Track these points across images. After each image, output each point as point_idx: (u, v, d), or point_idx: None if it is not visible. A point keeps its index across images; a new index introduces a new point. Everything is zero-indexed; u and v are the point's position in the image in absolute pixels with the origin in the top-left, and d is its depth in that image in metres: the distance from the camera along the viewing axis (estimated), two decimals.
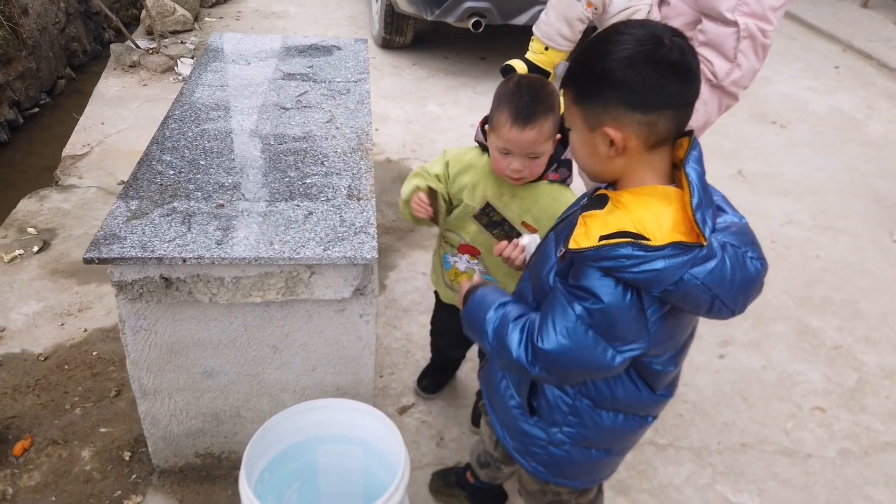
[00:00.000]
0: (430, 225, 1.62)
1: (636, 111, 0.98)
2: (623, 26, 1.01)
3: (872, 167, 3.75)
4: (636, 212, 0.99)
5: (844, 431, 2.11)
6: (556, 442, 1.26)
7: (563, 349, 1.05)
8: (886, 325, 2.57)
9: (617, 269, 0.97)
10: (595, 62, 1.00)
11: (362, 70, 2.35)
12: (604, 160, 1.05)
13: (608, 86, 0.98)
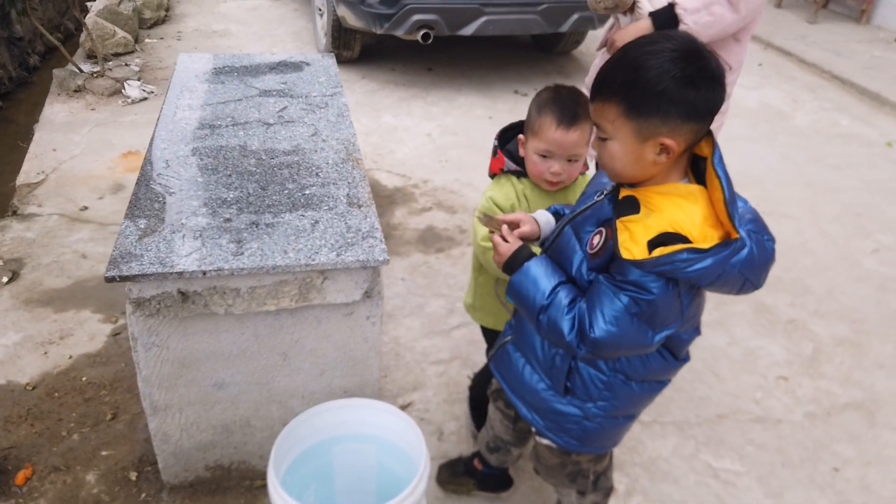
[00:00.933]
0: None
1: (691, 122, 1.08)
2: (662, 39, 1.10)
3: (804, 155, 4.05)
4: (669, 212, 1.11)
5: (808, 396, 2.30)
6: (591, 416, 1.36)
7: (611, 335, 1.16)
8: (832, 298, 2.80)
9: (672, 271, 1.09)
10: (653, 80, 1.06)
11: (336, 84, 2.41)
12: (647, 166, 1.13)
13: (668, 102, 1.06)
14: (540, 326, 1.26)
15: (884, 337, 2.59)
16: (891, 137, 4.32)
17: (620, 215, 1.15)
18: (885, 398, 2.31)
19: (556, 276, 1.26)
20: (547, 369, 1.37)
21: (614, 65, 1.12)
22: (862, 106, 4.83)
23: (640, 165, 1.14)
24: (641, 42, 1.10)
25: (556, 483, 1.58)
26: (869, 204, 3.53)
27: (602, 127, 1.15)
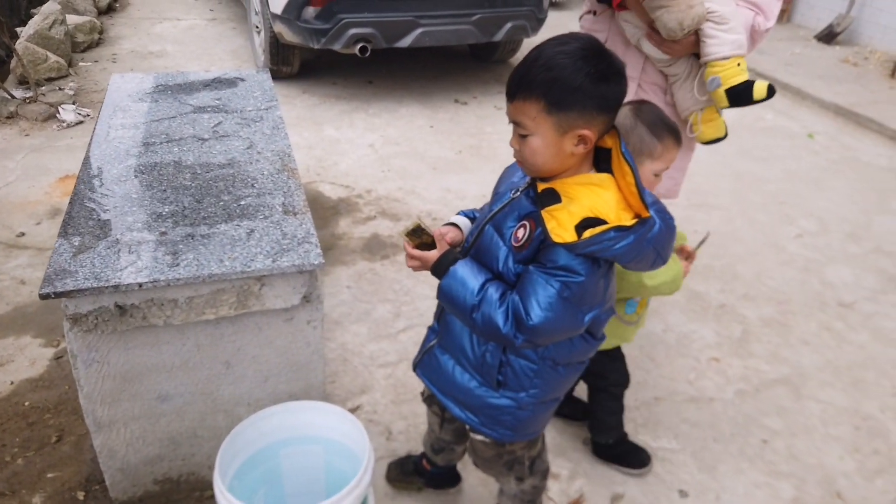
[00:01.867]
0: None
1: (604, 113, 1.18)
2: (569, 39, 1.18)
3: (732, 149, 4.24)
4: (588, 199, 1.20)
5: (738, 375, 2.43)
6: (524, 405, 1.42)
7: (548, 320, 1.23)
8: (760, 282, 2.96)
9: (600, 251, 1.18)
10: (570, 77, 1.14)
11: (270, 98, 2.45)
12: (565, 158, 1.22)
13: (584, 96, 1.15)
14: (475, 324, 1.31)
15: (808, 315, 2.75)
16: (812, 129, 4.57)
17: (544, 206, 1.23)
18: (810, 372, 2.45)
19: (483, 275, 1.32)
20: (478, 367, 1.43)
21: (531, 65, 1.19)
22: (784, 101, 5.08)
23: (559, 158, 1.22)
24: (553, 43, 1.19)
25: (495, 473, 1.64)
26: (792, 192, 3.73)
27: (523, 124, 1.21)
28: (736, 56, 1.88)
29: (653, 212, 1.20)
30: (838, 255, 3.16)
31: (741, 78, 1.88)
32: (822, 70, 5.49)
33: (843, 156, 4.19)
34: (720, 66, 1.89)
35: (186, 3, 7.10)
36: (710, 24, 1.87)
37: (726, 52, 1.87)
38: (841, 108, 4.75)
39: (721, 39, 1.87)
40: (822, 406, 2.30)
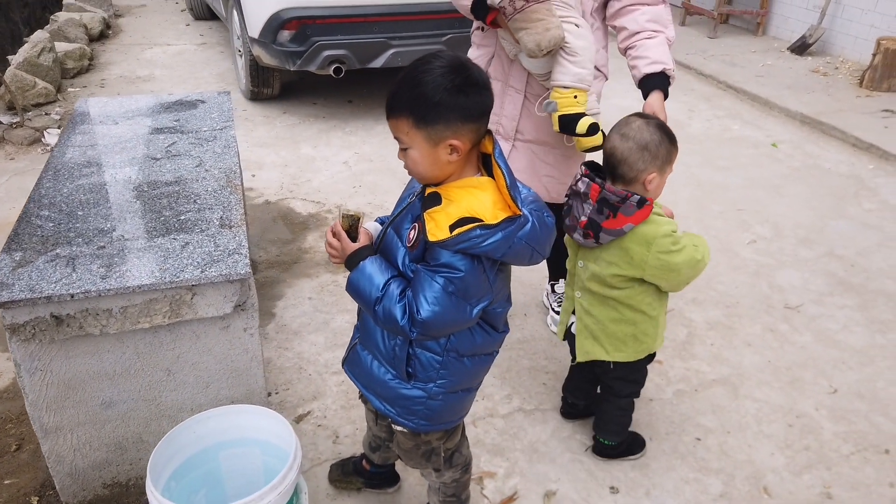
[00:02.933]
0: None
1: (469, 122, 1.30)
2: (432, 58, 1.31)
3: (696, 159, 4.34)
4: (465, 201, 1.31)
5: (679, 376, 2.51)
6: (434, 395, 1.53)
7: (436, 314, 1.34)
8: (710, 287, 3.04)
9: (470, 247, 1.29)
10: (430, 93, 1.26)
11: (227, 119, 2.57)
12: (444, 165, 1.34)
13: (446, 109, 1.27)
14: (377, 317, 1.42)
15: (754, 318, 2.83)
16: (776, 138, 4.66)
17: (426, 209, 1.33)
18: (749, 372, 2.53)
19: (389, 272, 1.42)
20: (390, 360, 1.53)
21: (399, 85, 1.31)
22: (753, 111, 5.18)
23: (437, 166, 1.34)
24: (418, 63, 1.30)
25: (415, 464, 1.73)
26: (752, 199, 3.82)
27: (400, 139, 1.34)
28: (575, 88, 2.04)
29: (527, 210, 1.31)
30: (790, 260, 3.24)
31: (573, 109, 2.06)
32: (792, 80, 5.59)
33: (805, 163, 4.28)
34: (559, 93, 2.06)
35: (178, 28, 7.29)
36: (562, 52, 2.03)
37: (567, 82, 2.04)
38: (806, 117, 4.84)
39: (566, 69, 2.04)
40: (758, 405, 2.38)
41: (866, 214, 3.66)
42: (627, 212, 1.74)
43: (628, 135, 1.74)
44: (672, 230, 1.80)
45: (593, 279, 1.89)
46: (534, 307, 2.89)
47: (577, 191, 1.83)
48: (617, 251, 1.82)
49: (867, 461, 2.16)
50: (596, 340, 1.97)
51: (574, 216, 1.83)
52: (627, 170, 1.75)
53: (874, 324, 2.79)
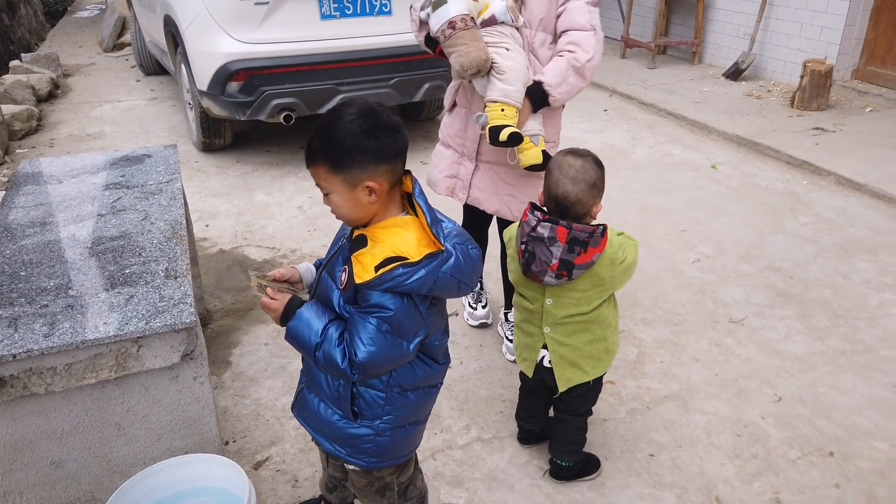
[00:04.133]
0: None
1: (383, 164, 1.36)
2: (343, 107, 1.38)
3: (640, 185, 4.50)
4: (390, 241, 1.37)
5: (631, 395, 2.57)
6: (381, 432, 1.56)
7: (372, 354, 1.38)
8: (658, 307, 3.13)
9: (395, 286, 1.34)
10: (342, 139, 1.33)
11: (173, 171, 2.61)
12: (364, 207, 1.40)
13: (358, 153, 1.33)
14: (317, 362, 1.45)
15: (700, 334, 2.93)
16: (715, 160, 4.86)
17: (353, 251, 1.39)
18: (698, 386, 2.61)
19: (326, 316, 1.46)
20: (335, 401, 1.56)
21: (314, 135, 1.37)
22: (692, 136, 5.40)
23: (359, 208, 1.39)
24: (330, 112, 1.37)
25: (370, 502, 1.75)
26: (694, 220, 3.97)
27: (321, 186, 1.40)
28: (501, 102, 2.25)
29: (450, 245, 1.37)
30: (732, 276, 3.37)
31: (500, 122, 2.25)
32: (728, 105, 5.85)
33: (743, 183, 4.46)
34: (489, 106, 2.27)
35: (128, 84, 7.31)
36: (492, 72, 2.25)
37: (493, 97, 2.25)
38: (743, 139, 5.07)
39: (494, 86, 2.25)
40: (707, 417, 2.45)
41: (802, 228, 3.83)
42: (595, 244, 1.83)
43: (577, 178, 1.82)
44: (619, 241, 1.91)
45: (567, 311, 1.95)
46: (489, 337, 2.94)
47: (537, 237, 1.83)
48: (588, 279, 1.90)
49: (813, 465, 2.24)
50: (575, 366, 2.02)
51: (541, 261, 1.85)
52: (580, 208, 1.84)
53: (813, 332, 2.91)
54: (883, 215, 3.94)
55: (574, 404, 2.10)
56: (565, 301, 1.93)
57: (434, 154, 2.81)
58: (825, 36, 5.97)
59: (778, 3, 6.37)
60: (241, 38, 4.37)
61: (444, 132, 2.72)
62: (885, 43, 5.87)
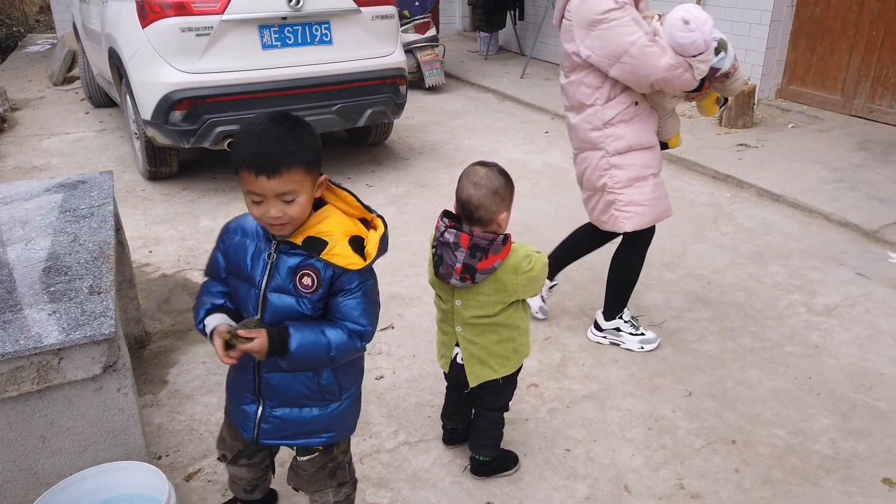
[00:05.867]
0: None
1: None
2: (283, 116, 1.52)
3: (575, 201, 4.64)
4: (339, 227, 1.57)
5: (552, 396, 2.71)
6: (354, 396, 1.79)
7: (373, 322, 1.63)
8: (584, 314, 3.29)
9: (379, 254, 1.57)
10: (310, 139, 1.50)
11: (106, 196, 2.69)
12: (310, 204, 1.55)
13: (319, 150, 1.54)
14: (333, 361, 1.61)
15: None
16: None
17: (319, 253, 1.54)
18: (616, 385, 2.76)
19: (314, 324, 1.59)
20: (319, 395, 1.71)
21: (278, 142, 1.46)
22: None
23: (310, 205, 1.56)
24: (277, 121, 1.49)
25: (319, 487, 1.85)
26: None
27: (292, 191, 1.48)
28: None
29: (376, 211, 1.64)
30: (655, 283, 3.55)
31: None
32: None
33: (672, 196, 4.66)
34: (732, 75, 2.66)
35: (77, 116, 7.33)
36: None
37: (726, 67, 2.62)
38: (674, 156, 5.32)
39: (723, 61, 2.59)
40: (622, 413, 2.59)
41: (723, 237, 4.05)
42: (496, 251, 1.97)
43: (480, 183, 1.97)
44: (525, 252, 2.05)
45: (475, 313, 2.08)
46: (422, 348, 3.06)
47: (444, 241, 1.98)
48: (491, 284, 2.03)
49: (716, 452, 2.39)
50: (484, 364, 2.15)
51: (448, 265, 2.00)
52: (484, 213, 1.98)
53: (726, 332, 3.10)
54: (798, 223, 4.19)
55: (489, 399, 2.22)
56: (472, 303, 2.07)
57: (649, 192, 2.77)
58: (749, 58, 6.32)
59: None
60: (184, 69, 4.48)
61: (647, 163, 2.76)
62: (803, 64, 6.25)
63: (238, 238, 1.66)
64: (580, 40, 2.58)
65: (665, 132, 2.88)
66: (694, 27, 2.44)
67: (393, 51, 5.18)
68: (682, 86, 2.53)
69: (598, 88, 2.65)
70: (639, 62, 2.48)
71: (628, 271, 2.98)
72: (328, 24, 4.82)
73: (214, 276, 1.73)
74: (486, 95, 7.93)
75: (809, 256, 3.79)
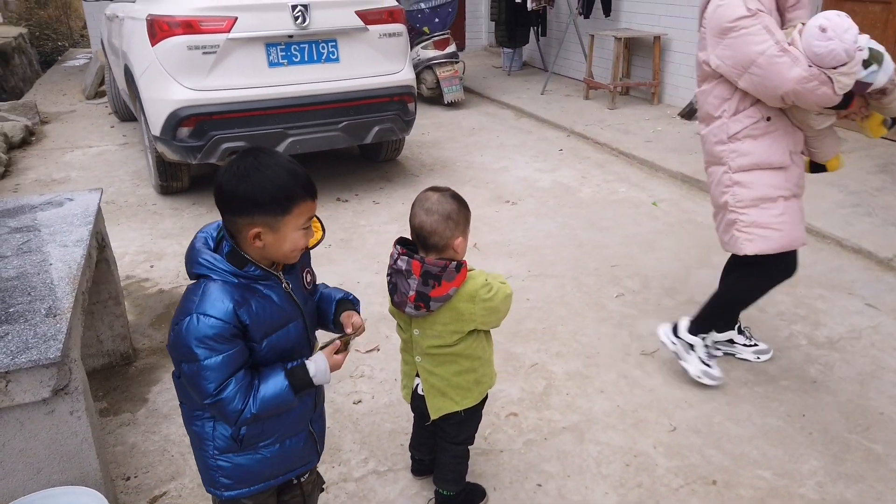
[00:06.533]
0: None
1: None
2: (270, 152, 1.57)
3: (581, 222, 4.60)
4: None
5: (531, 427, 2.62)
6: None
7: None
8: (575, 340, 3.20)
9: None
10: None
11: (88, 215, 2.71)
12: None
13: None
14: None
15: (610, 366, 2.99)
16: (657, 197, 4.98)
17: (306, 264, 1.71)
18: (598, 418, 2.66)
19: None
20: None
21: (302, 175, 1.52)
22: (640, 174, 5.53)
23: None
24: (269, 157, 1.54)
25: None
26: (626, 255, 4.06)
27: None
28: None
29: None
30: (653, 310, 3.44)
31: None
32: (677, 143, 6.00)
33: (681, 219, 4.57)
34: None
35: (102, 130, 7.51)
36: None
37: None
38: (686, 177, 5.19)
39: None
40: (600, 447, 2.50)
41: None
42: (449, 278, 1.91)
43: (432, 209, 1.92)
44: (485, 280, 1.98)
45: (432, 343, 2.03)
46: None
47: (397, 269, 1.94)
48: (448, 313, 1.97)
49: (694, 493, 2.28)
50: (444, 396, 2.09)
51: (401, 293, 1.95)
52: (438, 239, 1.93)
53: (720, 363, 2.97)
54: (808, 249, 4.02)
55: (451, 432, 2.16)
56: (429, 333, 2.01)
57: (777, 214, 2.56)
58: None
59: None
60: (191, 86, 4.54)
61: (777, 184, 2.55)
62: None
63: (256, 304, 1.53)
64: (711, 48, 2.48)
65: (820, 153, 2.67)
66: (832, 35, 2.23)
67: (401, 68, 5.17)
68: (819, 101, 2.32)
69: (726, 100, 2.52)
70: (767, 73, 2.32)
71: (735, 296, 2.81)
72: (335, 42, 4.84)
73: (247, 365, 1.55)
74: (504, 111, 7.89)
75: (817, 284, 3.63)
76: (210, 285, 1.50)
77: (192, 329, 1.45)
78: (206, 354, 1.46)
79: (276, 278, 1.57)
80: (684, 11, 7.09)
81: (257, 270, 1.53)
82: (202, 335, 1.45)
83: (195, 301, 1.48)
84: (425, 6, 8.01)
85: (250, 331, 1.51)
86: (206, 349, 1.46)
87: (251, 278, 1.53)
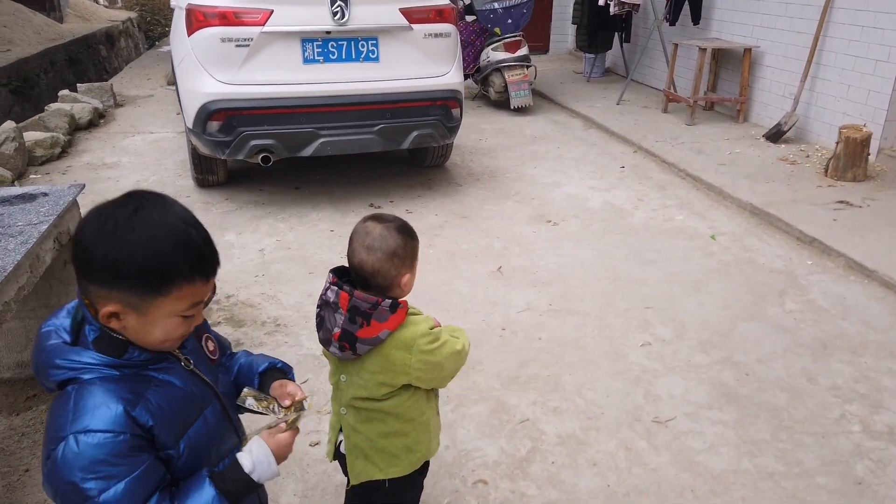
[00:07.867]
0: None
1: None
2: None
3: (624, 251, 4.12)
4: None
5: (499, 500, 2.24)
6: None
7: None
8: (580, 395, 2.77)
9: None
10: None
11: (51, 214, 2.54)
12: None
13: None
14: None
15: (612, 432, 2.55)
16: (718, 230, 4.41)
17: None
18: (581, 499, 2.24)
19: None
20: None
21: (174, 254, 1.14)
22: (705, 201, 4.95)
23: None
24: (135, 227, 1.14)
25: None
26: (665, 296, 3.56)
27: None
28: None
29: None
30: (680, 366, 2.95)
31: None
32: (754, 169, 5.36)
33: (739, 257, 4.00)
34: None
35: (168, 117, 7.62)
36: None
37: None
38: (756, 208, 4.59)
39: None
40: None
41: (785, 316, 3.35)
42: (381, 318, 1.58)
43: (373, 246, 1.61)
44: (430, 327, 1.65)
45: (358, 393, 1.71)
46: None
47: (326, 300, 1.66)
48: (378, 360, 1.65)
49: None
50: (367, 459, 1.77)
51: (327, 328, 1.66)
52: (381, 280, 1.61)
53: (746, 444, 2.47)
54: (886, 309, 3.39)
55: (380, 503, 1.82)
56: (355, 380, 1.68)
57: None
58: (872, 100, 5.39)
59: (825, 63, 5.85)
60: (222, 79, 4.39)
61: None
62: None
63: (155, 397, 1.15)
64: None
65: None
66: None
67: (447, 71, 4.85)
68: None
69: None
70: None
71: None
72: (375, 41, 4.57)
73: (163, 484, 1.14)
74: (572, 120, 7.41)
75: (887, 355, 3.02)
76: (84, 390, 1.09)
77: (71, 457, 1.05)
78: (100, 487, 1.05)
79: (170, 357, 1.21)
80: (780, 23, 6.38)
81: (142, 354, 1.15)
82: (88, 461, 1.05)
83: (68, 417, 1.07)
84: (498, 6, 7.65)
85: (158, 435, 1.13)
86: (97, 480, 1.05)
87: (137, 365, 1.15)
